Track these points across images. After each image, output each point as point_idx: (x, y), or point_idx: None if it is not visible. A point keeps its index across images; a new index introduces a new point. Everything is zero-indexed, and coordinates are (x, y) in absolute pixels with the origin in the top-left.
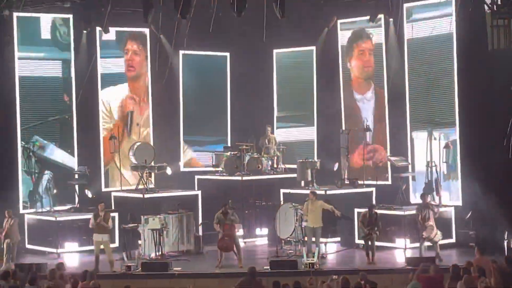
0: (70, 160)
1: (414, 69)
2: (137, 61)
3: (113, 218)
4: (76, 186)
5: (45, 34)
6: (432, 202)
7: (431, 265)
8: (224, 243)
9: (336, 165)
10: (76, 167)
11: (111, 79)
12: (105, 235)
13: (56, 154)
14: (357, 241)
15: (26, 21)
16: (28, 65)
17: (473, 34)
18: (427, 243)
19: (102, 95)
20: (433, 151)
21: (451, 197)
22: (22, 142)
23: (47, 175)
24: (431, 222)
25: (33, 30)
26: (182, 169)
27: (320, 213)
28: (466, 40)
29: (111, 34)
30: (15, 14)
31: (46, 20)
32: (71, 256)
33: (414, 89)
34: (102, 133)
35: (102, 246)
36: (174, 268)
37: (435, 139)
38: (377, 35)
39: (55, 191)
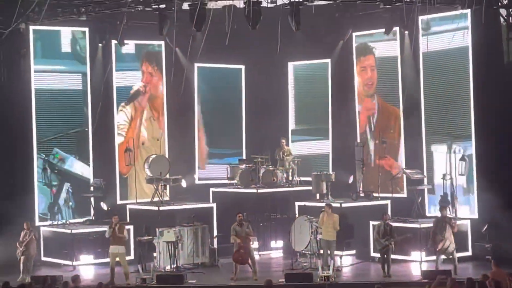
0: (89, 173)
1: (429, 82)
2: (153, 82)
3: (128, 230)
4: (92, 199)
5: (65, 47)
6: (450, 215)
7: (447, 278)
8: (239, 255)
9: (351, 178)
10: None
11: (126, 92)
12: (121, 246)
13: (76, 166)
14: (372, 254)
15: (45, 34)
16: (46, 78)
17: (489, 47)
18: (443, 256)
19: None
20: (450, 164)
21: (467, 210)
22: (42, 155)
23: (66, 188)
24: (447, 235)
25: (53, 43)
26: (197, 181)
27: (335, 226)
28: (482, 53)
29: (130, 47)
30: (31, 28)
31: (66, 33)
32: (87, 268)
33: (430, 102)
34: (117, 140)
35: (117, 258)
36: (189, 281)
37: (454, 152)
38: (389, 48)
39: (70, 203)
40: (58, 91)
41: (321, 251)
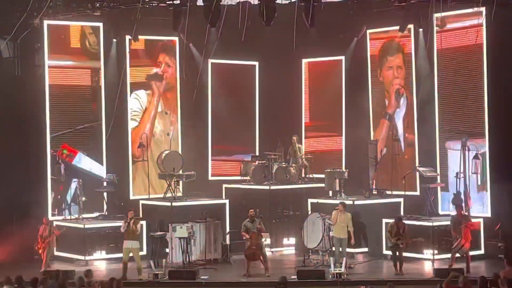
0: (98, 168)
1: (444, 79)
2: (170, 72)
3: (141, 226)
4: (105, 194)
5: (75, 42)
6: (465, 214)
7: (460, 276)
8: (251, 251)
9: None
10: (104, 175)
11: (140, 88)
12: (135, 241)
13: (84, 162)
14: (384, 251)
15: (55, 29)
16: (57, 73)
17: (503, 45)
18: (457, 255)
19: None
20: (463, 162)
21: (480, 209)
22: (51, 150)
23: (75, 183)
24: (462, 234)
25: (62, 39)
26: (210, 177)
27: (348, 224)
28: (497, 51)
29: (140, 43)
30: (45, 22)
31: (75, 28)
32: (99, 263)
33: (444, 100)
34: (130, 126)
35: (131, 254)
36: (201, 277)
37: (468, 150)
38: (407, 45)
39: (83, 198)
40: (68, 87)
41: (333, 248)
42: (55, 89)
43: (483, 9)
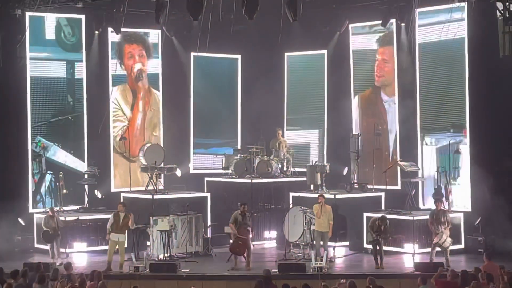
0: (72, 161)
1: (425, 74)
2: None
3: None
4: (86, 186)
5: (50, 34)
6: (445, 208)
7: (449, 270)
8: (237, 246)
9: (346, 169)
10: (79, 168)
11: (120, 80)
12: (122, 235)
13: (59, 155)
14: (365, 245)
15: (31, 20)
16: (34, 65)
17: (484, 40)
18: (438, 249)
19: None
20: (444, 157)
21: (460, 203)
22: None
23: (49, 176)
24: (443, 228)
25: (38, 30)
26: (191, 171)
27: (329, 218)
28: (478, 46)
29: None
30: (27, 14)
31: (50, 20)
32: (80, 256)
33: (425, 94)
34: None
35: (117, 246)
36: (182, 270)
37: (448, 144)
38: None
39: (64, 191)
40: (43, 79)
41: (314, 242)
42: (33, 81)
43: (464, 4)
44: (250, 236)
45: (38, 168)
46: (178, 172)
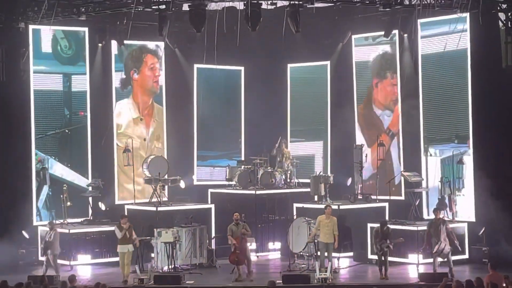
0: (69, 174)
1: (428, 85)
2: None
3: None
4: (90, 199)
5: (46, 47)
6: (445, 218)
7: (453, 280)
8: (236, 256)
9: (350, 180)
10: (76, 181)
11: (124, 93)
12: (130, 245)
13: (56, 168)
14: (370, 256)
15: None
16: (35, 79)
17: (487, 51)
18: (440, 259)
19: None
20: (448, 167)
21: (464, 213)
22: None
23: (46, 188)
24: (442, 237)
25: (35, 43)
26: (195, 182)
27: (334, 228)
28: (480, 57)
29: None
30: (30, 27)
31: (46, 33)
32: (84, 268)
33: (428, 105)
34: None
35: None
36: (187, 281)
37: (452, 155)
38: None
39: (68, 203)
40: (40, 92)
41: (319, 253)
42: (36, 95)
43: (466, 15)
44: (253, 245)
45: (36, 182)
46: (182, 184)
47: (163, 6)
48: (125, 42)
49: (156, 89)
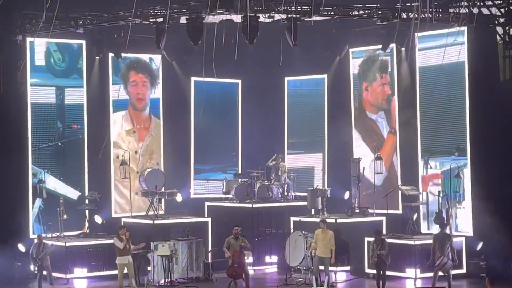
0: (62, 187)
1: (425, 98)
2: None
3: None
4: (86, 212)
5: (39, 60)
6: (449, 232)
7: None
8: (233, 270)
9: (347, 194)
10: (69, 195)
11: (120, 105)
12: (129, 257)
13: (48, 181)
14: (367, 270)
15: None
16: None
17: (485, 65)
18: (440, 273)
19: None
20: (445, 181)
21: (462, 227)
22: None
23: (39, 202)
24: (446, 253)
25: (30, 56)
26: (192, 195)
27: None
28: (478, 70)
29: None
30: (28, 40)
31: (39, 45)
32: (80, 281)
33: (426, 118)
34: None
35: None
36: None
37: (449, 169)
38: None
39: (65, 216)
40: (37, 105)
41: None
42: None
43: (464, 28)
44: (250, 259)
45: (37, 195)
46: (179, 197)
47: (161, 19)
48: (123, 55)
49: (139, 106)
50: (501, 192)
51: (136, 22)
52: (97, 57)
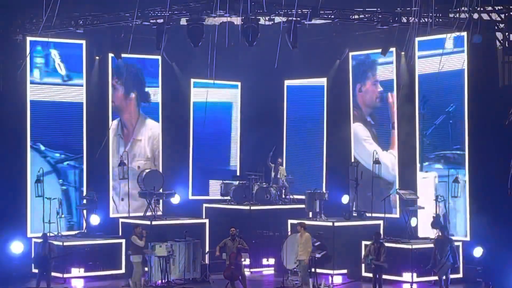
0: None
1: (425, 103)
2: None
3: (120, 244)
4: (84, 211)
5: (39, 59)
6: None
7: None
8: (230, 272)
9: (347, 198)
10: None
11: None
12: (141, 255)
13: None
14: (363, 273)
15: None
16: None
17: (484, 70)
18: (443, 277)
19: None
20: (441, 186)
21: (459, 232)
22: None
23: (39, 201)
24: (446, 255)
25: (30, 55)
26: (190, 197)
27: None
28: (477, 76)
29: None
30: (28, 39)
31: (40, 44)
32: (77, 281)
33: (425, 123)
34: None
35: None
36: None
37: (447, 174)
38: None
39: (63, 215)
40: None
41: (313, 270)
42: (37, 105)
43: (464, 34)
44: (247, 261)
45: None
46: (175, 199)
47: (161, 20)
48: (123, 55)
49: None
50: (498, 197)
51: (137, 23)
52: (97, 57)
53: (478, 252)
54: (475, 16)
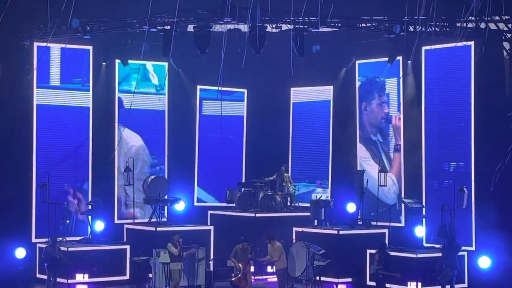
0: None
1: (431, 111)
2: None
3: (125, 250)
4: (89, 217)
5: (46, 64)
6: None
7: None
8: (239, 280)
9: (353, 206)
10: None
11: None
12: (182, 263)
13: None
14: (368, 282)
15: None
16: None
17: (491, 80)
18: (448, 286)
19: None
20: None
21: (465, 242)
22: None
23: (45, 206)
24: (453, 264)
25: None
26: (195, 203)
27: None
28: (484, 85)
29: None
30: (35, 44)
31: (47, 50)
32: (82, 287)
33: (431, 132)
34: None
35: None
36: None
37: (453, 183)
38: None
39: (67, 221)
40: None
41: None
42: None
43: (471, 43)
44: (251, 269)
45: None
46: (180, 206)
47: (168, 27)
48: (129, 61)
49: None
50: (505, 206)
51: (144, 29)
52: (104, 63)
53: (485, 262)
54: (482, 25)
